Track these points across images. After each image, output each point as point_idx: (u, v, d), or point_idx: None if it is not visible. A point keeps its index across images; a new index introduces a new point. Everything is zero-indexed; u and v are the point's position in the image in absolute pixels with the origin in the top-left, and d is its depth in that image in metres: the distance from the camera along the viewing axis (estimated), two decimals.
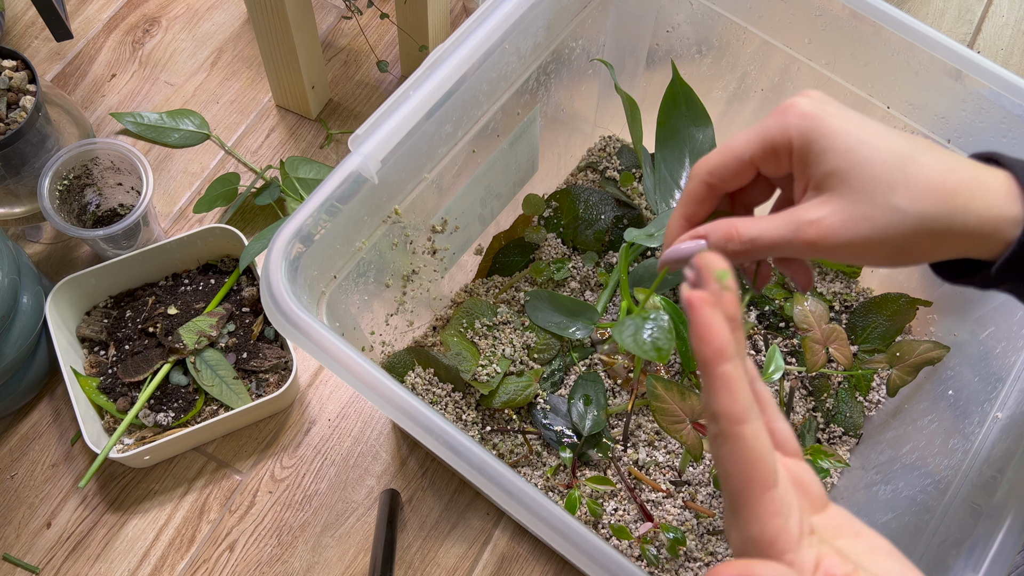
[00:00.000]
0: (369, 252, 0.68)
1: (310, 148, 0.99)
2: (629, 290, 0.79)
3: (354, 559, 0.80)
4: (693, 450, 0.68)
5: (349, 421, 0.86)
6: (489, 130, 0.73)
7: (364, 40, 1.06)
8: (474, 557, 0.80)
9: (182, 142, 0.98)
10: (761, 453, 0.34)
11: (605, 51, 0.84)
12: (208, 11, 1.07)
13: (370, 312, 0.73)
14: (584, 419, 0.77)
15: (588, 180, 0.91)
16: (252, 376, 0.83)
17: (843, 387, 0.81)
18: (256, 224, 0.95)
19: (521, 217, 0.87)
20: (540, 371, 0.79)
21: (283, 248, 0.57)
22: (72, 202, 0.87)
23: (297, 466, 0.84)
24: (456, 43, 0.64)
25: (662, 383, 0.68)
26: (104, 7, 1.06)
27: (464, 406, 0.77)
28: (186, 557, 0.80)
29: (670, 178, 0.80)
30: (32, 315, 0.79)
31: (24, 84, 0.84)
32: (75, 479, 0.82)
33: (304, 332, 0.55)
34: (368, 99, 1.03)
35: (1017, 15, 1.11)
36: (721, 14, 0.76)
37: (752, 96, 0.81)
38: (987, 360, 0.70)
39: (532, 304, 0.80)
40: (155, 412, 0.81)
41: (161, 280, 0.88)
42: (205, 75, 1.03)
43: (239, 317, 0.85)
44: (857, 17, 0.68)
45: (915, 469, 0.68)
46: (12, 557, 0.79)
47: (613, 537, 0.74)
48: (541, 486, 0.76)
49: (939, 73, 0.67)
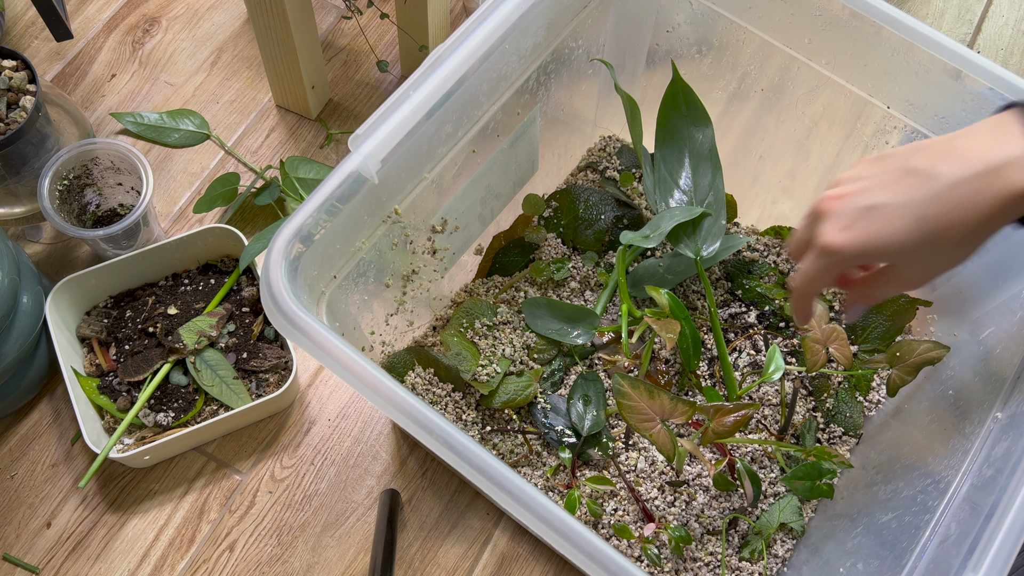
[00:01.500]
0: (369, 252, 0.68)
1: (310, 148, 0.99)
2: (628, 292, 0.80)
3: (354, 559, 0.80)
4: (665, 449, 0.67)
5: (349, 421, 0.86)
6: (489, 130, 0.73)
7: (364, 40, 1.06)
8: (474, 557, 0.80)
9: (182, 142, 0.98)
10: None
11: (605, 51, 0.84)
12: (208, 11, 1.07)
13: (370, 312, 0.74)
14: (584, 419, 0.77)
15: (588, 180, 0.91)
16: (252, 376, 0.83)
17: (843, 387, 0.81)
18: (256, 224, 0.95)
19: (521, 217, 0.87)
20: (540, 371, 0.79)
21: (283, 248, 0.57)
22: (72, 202, 0.87)
23: (297, 466, 0.84)
24: (456, 43, 0.64)
25: (629, 381, 0.67)
26: (104, 7, 1.06)
27: (464, 406, 0.77)
28: (186, 557, 0.80)
29: (670, 178, 0.80)
30: (32, 315, 0.79)
31: (24, 84, 0.84)
32: (75, 479, 0.83)
33: (304, 332, 0.55)
34: (368, 99, 1.03)
35: (1017, 15, 1.11)
36: (721, 14, 0.76)
37: (752, 96, 0.81)
38: (987, 360, 0.70)
39: (530, 312, 0.80)
40: (155, 412, 0.81)
41: (161, 280, 0.88)
42: (205, 75, 1.03)
43: (239, 317, 0.85)
44: (857, 17, 0.68)
45: (915, 469, 0.68)
46: (12, 557, 0.79)
47: (614, 537, 0.74)
48: (541, 486, 0.76)
49: (939, 73, 0.67)
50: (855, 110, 0.75)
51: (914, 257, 0.52)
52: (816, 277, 0.56)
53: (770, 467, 0.78)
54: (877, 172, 0.53)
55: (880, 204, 0.51)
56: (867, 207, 0.52)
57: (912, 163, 0.51)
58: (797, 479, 0.73)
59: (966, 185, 0.49)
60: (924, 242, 0.51)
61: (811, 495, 0.73)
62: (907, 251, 0.51)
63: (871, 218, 0.51)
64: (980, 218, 0.49)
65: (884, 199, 0.51)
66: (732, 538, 0.76)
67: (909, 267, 0.53)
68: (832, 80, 0.74)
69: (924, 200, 0.50)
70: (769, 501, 0.77)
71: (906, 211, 0.51)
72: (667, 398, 0.67)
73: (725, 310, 0.85)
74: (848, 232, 0.52)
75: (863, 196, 0.52)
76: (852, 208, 0.52)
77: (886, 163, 0.53)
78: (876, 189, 0.52)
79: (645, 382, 0.67)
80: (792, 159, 0.83)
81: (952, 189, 0.49)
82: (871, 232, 0.51)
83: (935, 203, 0.50)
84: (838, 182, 0.54)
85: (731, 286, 0.86)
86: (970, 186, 0.49)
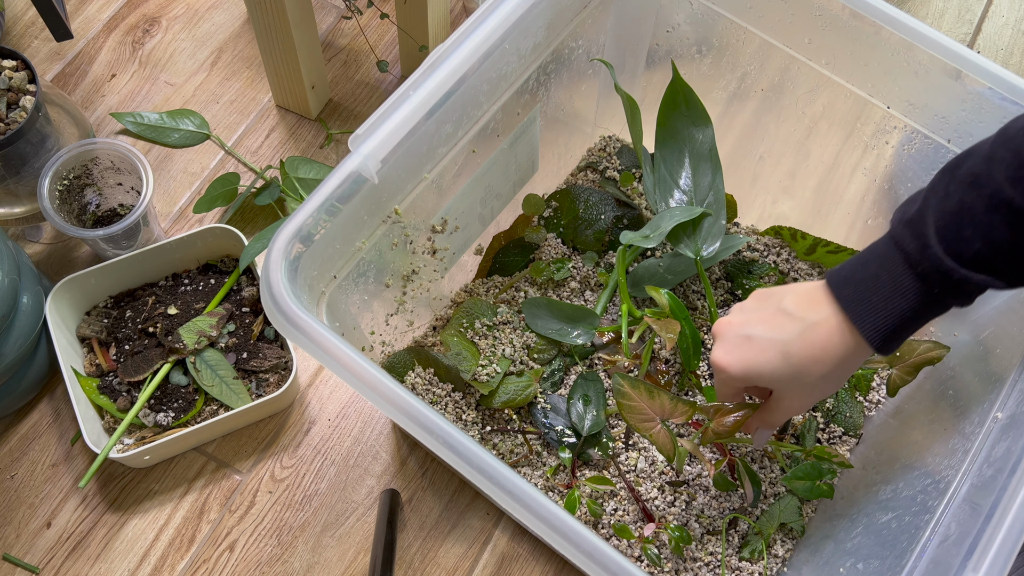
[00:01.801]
0: (369, 252, 0.68)
1: (310, 148, 0.99)
2: (628, 292, 0.80)
3: (354, 559, 0.80)
4: (665, 449, 0.67)
5: (349, 421, 0.86)
6: (489, 130, 0.73)
7: (364, 40, 1.06)
8: (474, 557, 0.80)
9: (182, 142, 0.98)
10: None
11: (605, 51, 0.84)
12: (208, 11, 1.07)
13: (370, 312, 0.74)
14: (584, 419, 0.77)
15: (588, 180, 0.91)
16: (252, 376, 0.83)
17: (843, 387, 0.81)
18: (256, 224, 0.95)
19: (521, 217, 0.87)
20: (540, 371, 0.79)
21: (283, 248, 0.57)
22: (72, 202, 0.87)
23: (297, 466, 0.84)
24: (456, 43, 0.64)
25: (629, 382, 0.67)
26: (104, 7, 1.06)
27: (464, 406, 0.77)
28: (186, 557, 0.80)
29: (670, 178, 0.80)
30: (32, 315, 0.79)
31: (24, 84, 0.84)
32: (75, 479, 0.83)
33: (304, 332, 0.55)
34: (368, 99, 1.03)
35: (1017, 15, 1.11)
36: (721, 14, 0.76)
37: (752, 96, 0.81)
38: (987, 360, 0.70)
39: (530, 312, 0.80)
40: (155, 412, 0.81)
41: (161, 280, 0.88)
42: (205, 75, 1.03)
43: (239, 317, 0.85)
44: (857, 17, 0.68)
45: (915, 469, 0.68)
46: (12, 557, 0.79)
47: (614, 537, 0.74)
48: (541, 486, 0.76)
49: (939, 73, 0.67)
50: (855, 110, 0.75)
51: (787, 386, 0.59)
52: (722, 392, 0.65)
53: (770, 467, 0.78)
54: (760, 307, 0.60)
55: (755, 336, 0.58)
56: (745, 336, 0.59)
57: (784, 303, 0.58)
58: (797, 479, 0.73)
59: (821, 328, 0.55)
60: (792, 374, 0.57)
61: (811, 495, 0.73)
62: (780, 380, 0.58)
63: (748, 347, 0.58)
64: (836, 358, 0.55)
65: (759, 332, 0.58)
66: (732, 538, 0.76)
67: (788, 395, 0.60)
68: (832, 80, 0.74)
69: (790, 338, 0.56)
70: (769, 501, 0.77)
71: (775, 345, 0.57)
72: (667, 398, 0.67)
73: (725, 310, 0.85)
74: (730, 356, 0.59)
75: (744, 327, 0.59)
76: (735, 335, 0.60)
77: (768, 300, 0.60)
78: (755, 322, 0.59)
79: (645, 382, 0.67)
80: (792, 159, 0.83)
81: (811, 331, 0.56)
82: (748, 359, 0.58)
83: (799, 342, 0.56)
84: (731, 311, 0.62)
85: (731, 286, 0.86)
86: (824, 329, 0.55)
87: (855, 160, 0.79)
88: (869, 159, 0.78)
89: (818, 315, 0.56)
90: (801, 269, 0.86)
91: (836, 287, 0.55)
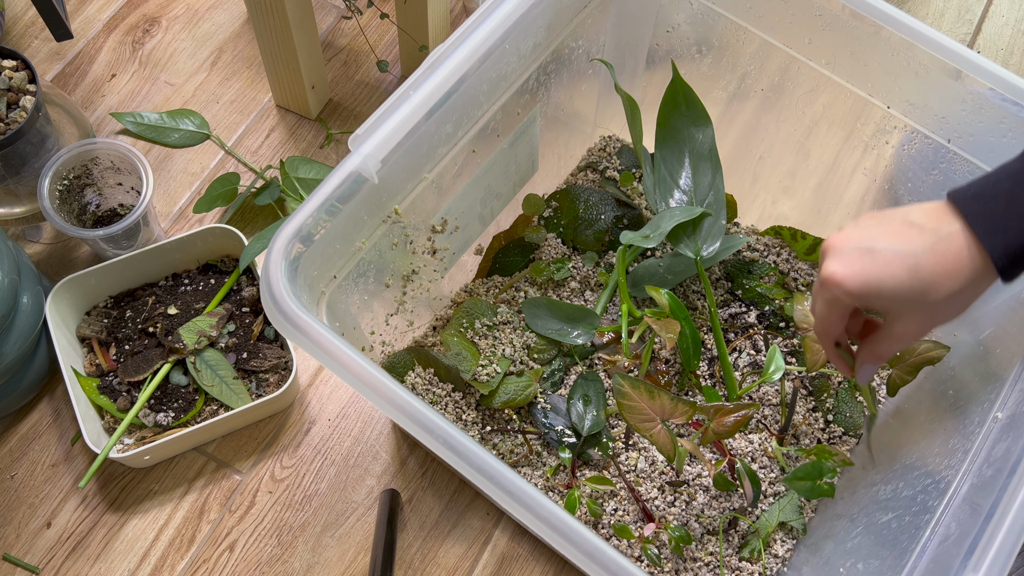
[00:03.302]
0: (369, 252, 0.68)
1: (310, 148, 0.99)
2: (628, 292, 0.80)
3: (354, 559, 0.80)
4: (665, 449, 0.67)
5: (349, 421, 0.86)
6: (489, 130, 0.73)
7: (364, 40, 1.06)
8: (474, 557, 0.80)
9: (182, 142, 0.98)
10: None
11: (605, 51, 0.84)
12: (208, 11, 1.07)
13: (370, 312, 0.74)
14: (583, 419, 0.77)
15: (588, 180, 0.91)
16: (252, 376, 0.83)
17: (843, 387, 0.81)
18: (256, 224, 0.95)
19: (521, 217, 0.87)
20: (540, 371, 0.79)
21: (283, 248, 0.57)
22: (72, 202, 0.87)
23: (297, 466, 0.84)
24: (456, 43, 0.64)
25: (629, 382, 0.67)
26: (104, 7, 1.06)
27: (464, 406, 0.77)
28: (186, 557, 0.80)
29: (670, 178, 0.80)
30: (32, 315, 0.79)
31: (24, 84, 0.84)
32: (75, 479, 0.83)
33: (304, 332, 0.55)
34: (368, 99, 1.03)
35: (1017, 15, 1.11)
36: (721, 14, 0.76)
37: (752, 96, 0.81)
38: (987, 360, 0.70)
39: (530, 312, 0.80)
40: (155, 412, 0.81)
41: (161, 280, 0.88)
42: (205, 75, 1.03)
43: (239, 317, 0.85)
44: (857, 17, 0.68)
45: (915, 469, 0.68)
46: (12, 557, 0.79)
47: (614, 537, 0.74)
48: (541, 486, 0.76)
49: (939, 73, 0.67)
50: (855, 110, 0.75)
51: (908, 306, 0.55)
52: (826, 315, 0.59)
53: (770, 467, 0.78)
54: (880, 222, 0.56)
55: (879, 248, 0.54)
56: (867, 248, 0.54)
57: (912, 217, 0.54)
58: (798, 479, 0.73)
59: (954, 240, 0.52)
60: (918, 290, 0.53)
61: (812, 495, 0.73)
62: (902, 298, 0.54)
63: (870, 259, 0.54)
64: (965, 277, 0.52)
65: (883, 244, 0.54)
66: (732, 538, 0.76)
67: (905, 319, 0.56)
68: (832, 80, 0.74)
69: (920, 251, 0.53)
70: (769, 501, 0.77)
71: (902, 258, 0.53)
72: (667, 398, 0.67)
73: (725, 310, 0.85)
74: (848, 268, 0.54)
75: (865, 240, 0.55)
76: (853, 247, 0.55)
77: (889, 215, 0.56)
78: (877, 235, 0.55)
79: (645, 382, 0.67)
80: (792, 159, 0.83)
81: (944, 242, 0.52)
82: (869, 273, 0.54)
83: (930, 254, 0.52)
84: (845, 227, 0.57)
85: (731, 286, 0.86)
86: (956, 242, 0.52)
87: (855, 160, 0.79)
88: (869, 159, 0.78)
89: (951, 227, 0.52)
90: (801, 269, 0.86)
91: (962, 203, 0.51)
